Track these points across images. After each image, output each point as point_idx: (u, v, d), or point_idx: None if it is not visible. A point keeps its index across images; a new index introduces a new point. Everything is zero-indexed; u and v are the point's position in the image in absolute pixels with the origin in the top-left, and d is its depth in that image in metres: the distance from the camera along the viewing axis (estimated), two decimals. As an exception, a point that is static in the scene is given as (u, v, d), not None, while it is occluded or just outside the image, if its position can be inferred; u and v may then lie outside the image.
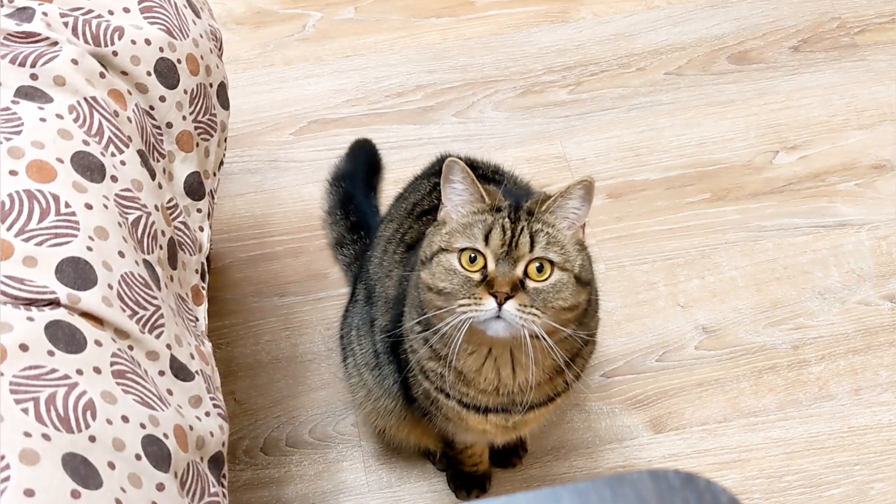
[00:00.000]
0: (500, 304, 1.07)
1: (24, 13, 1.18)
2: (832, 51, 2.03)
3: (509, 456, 1.56)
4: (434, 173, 1.40)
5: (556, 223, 1.12)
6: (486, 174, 1.39)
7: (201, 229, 1.32)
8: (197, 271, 1.28)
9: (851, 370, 1.63)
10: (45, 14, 1.18)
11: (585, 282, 1.12)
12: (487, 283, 1.08)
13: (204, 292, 1.29)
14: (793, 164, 1.87)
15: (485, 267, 1.09)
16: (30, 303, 0.95)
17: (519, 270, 1.08)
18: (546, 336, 1.09)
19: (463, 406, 1.25)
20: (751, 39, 2.06)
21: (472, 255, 1.09)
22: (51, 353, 0.93)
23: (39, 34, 1.17)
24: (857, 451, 1.55)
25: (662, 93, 1.98)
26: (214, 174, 1.40)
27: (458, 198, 1.14)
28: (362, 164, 1.80)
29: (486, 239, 1.09)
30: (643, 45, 2.06)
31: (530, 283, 1.08)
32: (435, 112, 1.97)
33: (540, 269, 1.08)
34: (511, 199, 1.14)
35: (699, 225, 1.80)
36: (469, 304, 1.08)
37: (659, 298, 1.72)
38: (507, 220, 1.10)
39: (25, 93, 1.11)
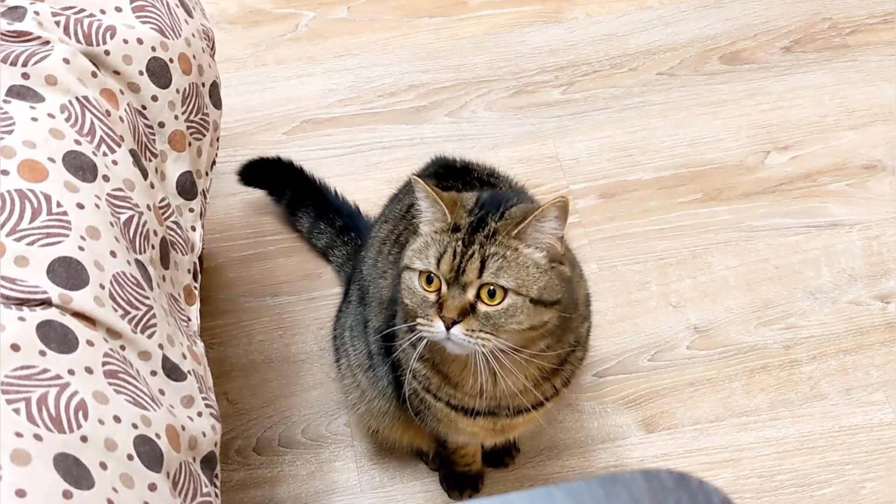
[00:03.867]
0: (447, 328, 1.08)
1: (16, 12, 1.18)
2: (823, 51, 2.04)
3: (502, 456, 1.56)
4: (429, 175, 1.40)
5: (520, 247, 1.09)
6: (481, 177, 1.39)
7: (193, 229, 1.32)
8: (189, 271, 1.27)
9: (843, 370, 1.63)
10: (36, 13, 1.18)
11: (549, 302, 1.10)
12: (439, 305, 1.08)
13: (196, 292, 1.29)
14: (784, 164, 1.88)
15: (440, 289, 1.09)
16: (21, 303, 0.95)
17: (469, 295, 1.08)
18: (511, 352, 1.10)
19: (451, 408, 1.25)
20: (742, 40, 2.07)
21: (429, 276, 1.09)
22: (42, 353, 0.93)
23: (31, 33, 1.17)
24: (848, 451, 1.55)
25: (655, 93, 1.99)
26: (207, 174, 1.40)
27: (424, 215, 1.14)
28: (301, 181, 1.77)
29: (438, 262, 1.09)
30: (635, 45, 2.07)
31: (481, 307, 1.08)
32: (428, 112, 1.97)
33: (491, 294, 1.07)
34: (485, 211, 1.11)
35: (691, 225, 1.80)
36: (424, 325, 1.10)
37: (651, 298, 1.72)
38: (459, 243, 1.08)
39: (17, 92, 1.11)
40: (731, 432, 1.58)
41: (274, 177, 1.78)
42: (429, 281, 1.10)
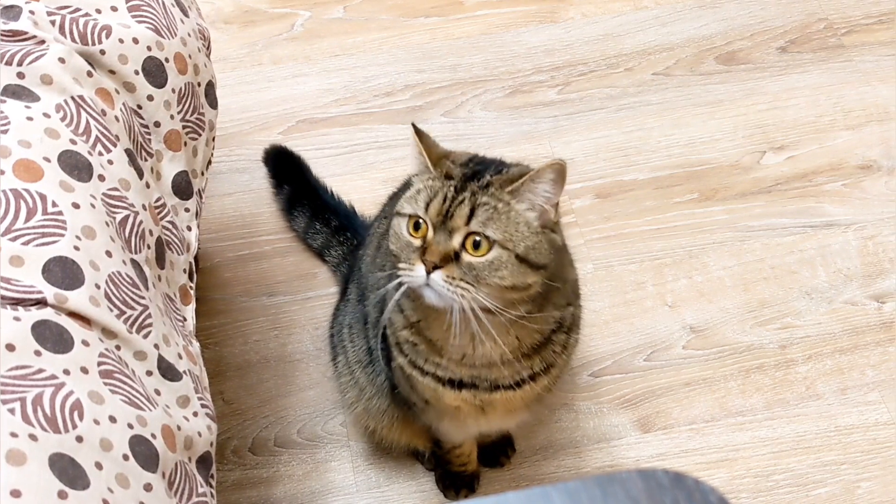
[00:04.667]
0: (428, 272, 1.06)
1: (11, 11, 1.18)
2: (819, 51, 2.04)
3: (497, 455, 1.56)
4: None
5: (513, 202, 1.07)
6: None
7: (189, 229, 1.32)
8: (185, 271, 1.27)
9: (838, 370, 1.63)
10: (32, 12, 1.18)
11: (535, 264, 1.09)
12: (423, 249, 1.08)
13: (192, 292, 1.29)
14: (780, 164, 1.88)
15: (427, 235, 1.08)
16: (16, 302, 0.95)
17: (455, 242, 1.07)
18: (490, 313, 1.08)
19: (436, 381, 1.23)
20: (738, 40, 2.07)
21: (417, 221, 1.08)
22: (38, 353, 0.92)
23: (26, 32, 1.16)
24: (843, 451, 1.55)
25: (650, 93, 1.99)
26: (202, 173, 1.40)
27: (416, 164, 1.14)
28: (300, 177, 1.78)
29: (427, 206, 1.08)
30: (631, 45, 2.07)
31: (465, 257, 1.07)
32: (424, 112, 1.97)
33: (476, 245, 1.06)
34: (482, 167, 1.12)
35: (687, 225, 1.80)
36: (404, 269, 1.08)
37: (647, 298, 1.72)
38: (451, 189, 1.08)
39: (12, 91, 1.10)
40: (727, 432, 1.58)
41: (282, 165, 1.79)
42: (416, 227, 1.08)
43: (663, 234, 1.79)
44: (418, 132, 1.13)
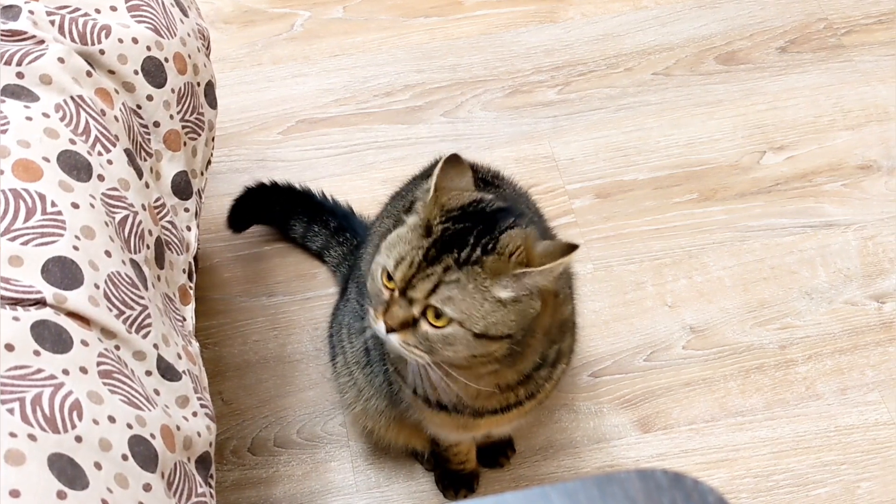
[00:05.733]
0: (386, 332, 1.04)
1: (10, 11, 1.18)
2: (819, 52, 2.04)
3: (497, 456, 1.56)
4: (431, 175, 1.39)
5: (493, 289, 1.01)
6: (485, 178, 1.36)
7: (189, 229, 1.32)
8: (184, 271, 1.27)
9: (838, 370, 1.63)
10: (31, 12, 1.18)
11: (496, 336, 1.03)
12: (387, 306, 1.04)
13: (191, 292, 1.29)
14: (780, 164, 1.88)
15: (393, 292, 1.04)
16: (16, 302, 0.95)
17: (415, 310, 1.02)
18: (452, 369, 1.06)
19: (415, 395, 1.23)
20: (738, 40, 2.07)
21: (389, 274, 1.04)
22: (37, 353, 0.92)
23: (26, 32, 1.16)
24: (843, 451, 1.55)
25: (650, 93, 1.99)
26: (202, 173, 1.40)
27: (421, 200, 1.08)
28: (283, 198, 1.75)
29: (397, 265, 1.03)
30: (631, 45, 2.07)
31: (423, 325, 1.02)
32: (423, 112, 1.97)
33: (438, 316, 1.01)
34: (471, 226, 1.03)
35: (687, 225, 1.80)
36: (371, 317, 1.06)
37: (646, 298, 1.72)
38: (420, 253, 1.01)
39: (11, 91, 1.10)
40: (727, 432, 1.58)
41: (258, 207, 1.75)
42: (388, 278, 1.04)
43: (663, 235, 1.79)
44: (449, 162, 1.06)
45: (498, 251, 1.01)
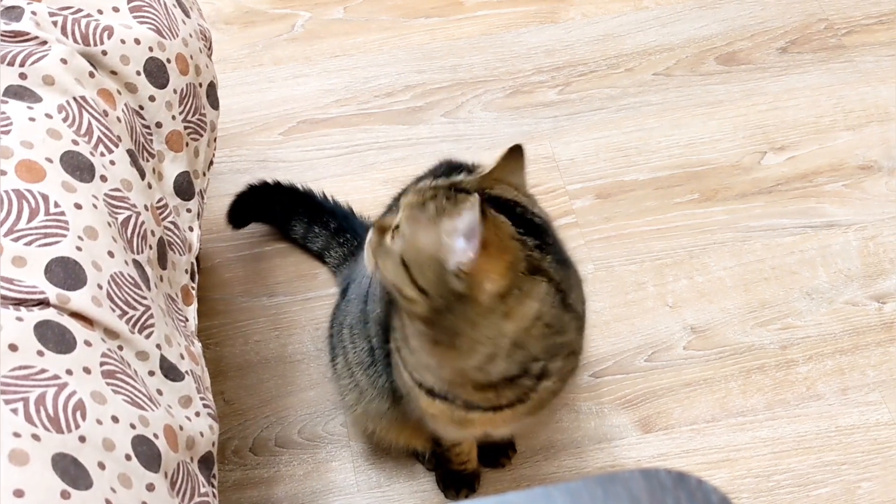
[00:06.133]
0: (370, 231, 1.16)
1: (13, 12, 1.18)
2: (820, 52, 2.04)
3: (498, 456, 1.56)
4: (438, 176, 1.39)
5: (442, 222, 1.04)
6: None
7: (191, 229, 1.32)
8: (187, 271, 1.27)
9: (839, 370, 1.64)
10: (34, 13, 1.18)
11: (415, 282, 1.07)
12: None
13: (194, 292, 1.29)
14: (781, 164, 1.88)
15: None
16: (19, 303, 0.95)
17: (396, 219, 1.11)
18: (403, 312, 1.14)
19: (413, 381, 1.22)
20: (739, 40, 2.07)
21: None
22: (40, 354, 0.92)
23: (28, 33, 1.16)
24: (844, 451, 1.55)
25: (651, 93, 1.99)
26: (204, 174, 1.40)
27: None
28: (284, 197, 1.76)
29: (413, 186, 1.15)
30: (632, 45, 2.07)
31: (388, 235, 1.11)
32: (424, 112, 1.97)
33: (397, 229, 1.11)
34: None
35: (687, 225, 1.81)
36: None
37: (647, 299, 1.72)
38: (432, 183, 1.11)
39: (14, 92, 1.10)
40: (728, 432, 1.58)
41: (260, 205, 1.76)
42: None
43: (664, 235, 1.79)
44: (512, 152, 1.15)
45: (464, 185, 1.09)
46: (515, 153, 1.16)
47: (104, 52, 1.21)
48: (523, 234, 1.08)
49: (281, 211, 1.76)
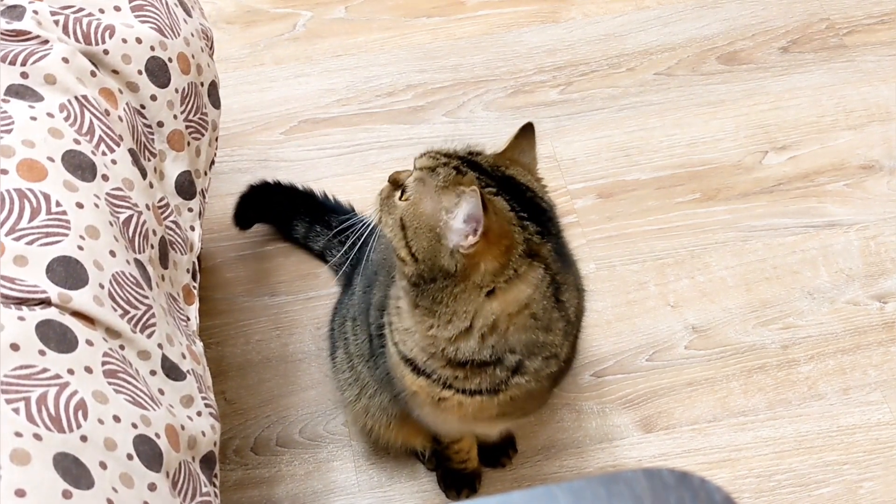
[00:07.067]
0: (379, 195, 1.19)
1: (15, 11, 1.18)
2: (821, 51, 2.04)
3: (499, 456, 1.56)
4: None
5: (442, 198, 1.07)
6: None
7: (192, 228, 1.32)
8: (188, 271, 1.27)
9: (840, 370, 1.64)
10: (35, 12, 1.18)
11: (409, 246, 1.10)
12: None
13: (195, 292, 1.29)
14: (782, 164, 1.88)
15: None
16: (21, 302, 0.95)
17: (403, 176, 1.15)
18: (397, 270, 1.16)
19: (400, 357, 1.22)
20: (740, 40, 2.07)
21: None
22: (42, 353, 0.92)
23: (30, 32, 1.16)
24: (846, 451, 1.55)
25: (652, 93, 1.99)
26: (205, 173, 1.40)
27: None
28: (285, 197, 1.76)
29: (424, 154, 1.17)
30: (633, 45, 2.07)
31: (396, 194, 1.14)
32: (425, 112, 1.97)
33: (403, 193, 1.14)
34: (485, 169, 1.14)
35: (689, 225, 1.80)
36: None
37: (649, 298, 1.72)
38: (445, 155, 1.14)
39: (16, 91, 1.10)
40: (729, 432, 1.58)
41: (263, 205, 1.76)
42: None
43: (665, 234, 1.79)
44: (524, 131, 1.19)
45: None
46: (527, 132, 1.19)
47: (106, 52, 1.21)
48: (527, 218, 1.09)
49: (282, 211, 1.76)
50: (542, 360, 1.17)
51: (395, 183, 1.13)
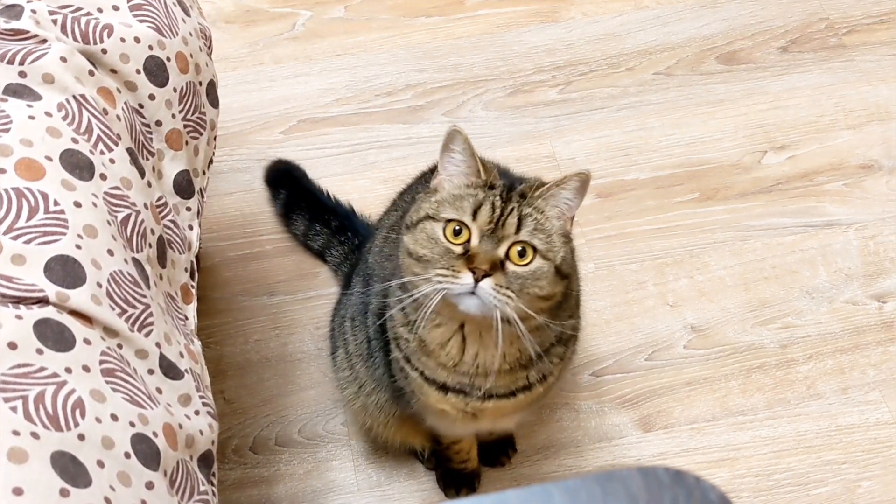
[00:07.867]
0: (476, 281, 1.06)
1: (13, 10, 1.18)
2: (820, 51, 2.04)
3: (498, 455, 1.56)
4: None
5: (547, 210, 1.11)
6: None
7: (191, 228, 1.32)
8: (186, 270, 1.27)
9: (839, 369, 1.64)
10: (33, 11, 1.18)
11: (564, 274, 1.12)
12: (468, 257, 1.07)
13: (193, 291, 1.29)
14: (781, 163, 1.88)
15: (468, 241, 1.09)
16: (18, 301, 0.95)
17: (501, 251, 1.08)
18: (518, 321, 1.09)
19: (424, 379, 1.24)
20: (739, 40, 2.07)
21: (458, 227, 1.09)
22: (39, 352, 0.92)
23: (28, 31, 1.16)
24: (844, 450, 1.55)
25: (652, 93, 1.99)
26: (204, 172, 1.40)
27: (454, 168, 1.13)
28: (296, 183, 1.79)
29: (475, 214, 1.09)
30: (632, 44, 2.07)
31: (510, 266, 1.08)
32: (424, 111, 1.97)
33: (522, 254, 1.08)
34: (506, 181, 1.14)
35: (688, 224, 1.80)
36: (446, 276, 1.07)
37: (648, 298, 1.72)
38: (498, 198, 1.10)
39: (14, 90, 1.10)
40: (728, 431, 1.58)
41: (280, 175, 1.80)
42: (456, 233, 1.09)
43: (664, 234, 1.79)
44: (465, 136, 1.14)
45: (535, 183, 1.13)
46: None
47: (104, 51, 1.21)
48: None
49: (286, 197, 1.76)
50: (578, 314, 1.27)
51: (495, 265, 1.07)
